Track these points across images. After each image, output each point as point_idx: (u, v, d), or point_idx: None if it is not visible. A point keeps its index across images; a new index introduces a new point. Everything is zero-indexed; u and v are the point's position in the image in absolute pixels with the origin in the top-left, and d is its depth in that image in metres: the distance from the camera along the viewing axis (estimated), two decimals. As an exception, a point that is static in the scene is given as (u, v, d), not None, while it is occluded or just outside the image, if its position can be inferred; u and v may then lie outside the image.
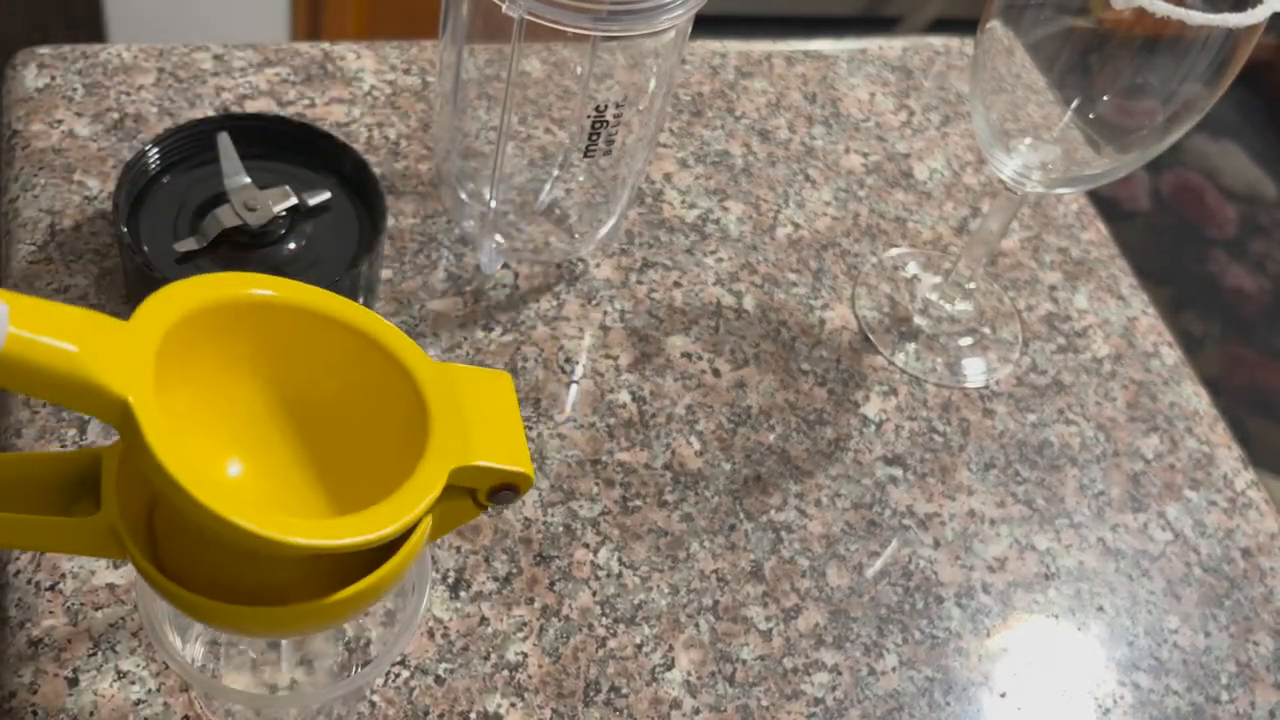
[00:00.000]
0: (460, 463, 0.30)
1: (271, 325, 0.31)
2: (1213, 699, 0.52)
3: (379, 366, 0.32)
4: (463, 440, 0.31)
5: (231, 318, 0.31)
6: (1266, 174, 2.15)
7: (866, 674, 0.49)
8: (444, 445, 0.30)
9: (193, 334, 0.30)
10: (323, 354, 0.32)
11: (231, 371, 0.32)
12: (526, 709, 0.46)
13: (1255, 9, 0.45)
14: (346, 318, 0.32)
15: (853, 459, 0.56)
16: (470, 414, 0.31)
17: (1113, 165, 0.52)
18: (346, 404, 0.32)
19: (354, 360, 0.32)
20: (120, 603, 0.45)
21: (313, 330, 0.32)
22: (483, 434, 0.31)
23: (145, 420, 0.27)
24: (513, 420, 0.32)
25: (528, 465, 0.31)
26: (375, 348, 0.32)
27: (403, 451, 0.31)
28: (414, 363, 0.31)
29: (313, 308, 0.32)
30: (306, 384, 0.32)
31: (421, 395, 0.31)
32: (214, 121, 0.54)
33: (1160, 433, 0.61)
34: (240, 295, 0.31)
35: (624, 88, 0.53)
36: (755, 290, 0.61)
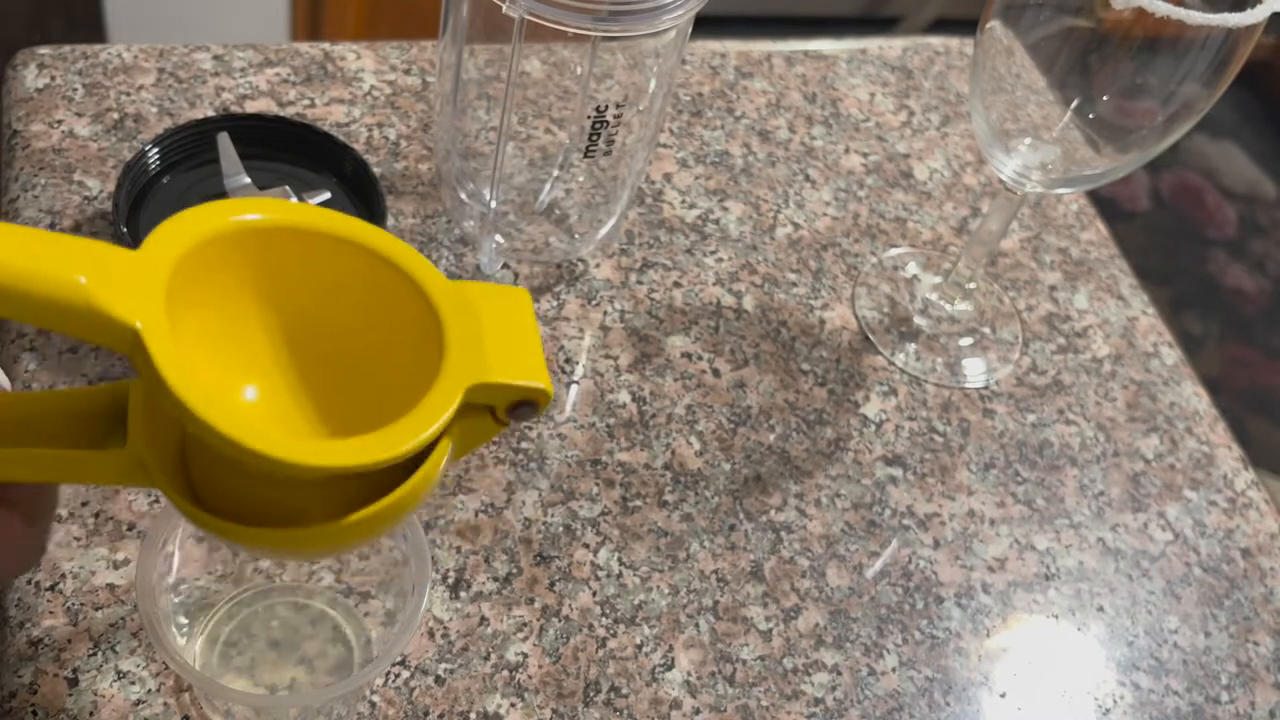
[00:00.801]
0: (477, 379, 0.30)
1: (285, 249, 0.31)
2: (1213, 699, 0.52)
3: (393, 285, 0.31)
4: (479, 357, 0.30)
5: (243, 243, 0.31)
6: (1266, 174, 2.15)
7: (866, 674, 0.49)
8: (460, 362, 0.30)
9: (205, 260, 0.30)
10: (337, 275, 0.32)
11: (245, 296, 0.31)
12: (526, 709, 0.46)
13: (1255, 9, 0.45)
14: (361, 238, 0.32)
15: (853, 459, 0.56)
16: (486, 330, 0.31)
17: (1113, 165, 0.52)
18: (362, 324, 0.32)
19: (369, 280, 0.32)
20: (120, 603, 0.45)
21: (326, 252, 0.32)
22: (499, 350, 0.31)
23: (156, 347, 0.27)
24: (530, 336, 0.32)
25: (546, 380, 0.31)
26: (389, 267, 0.31)
27: (419, 369, 0.30)
28: (428, 280, 0.31)
29: (326, 229, 0.31)
30: (321, 306, 0.32)
31: (436, 313, 0.31)
32: (214, 121, 0.54)
33: (1160, 433, 0.61)
34: (251, 220, 0.31)
35: (624, 88, 0.53)
36: (755, 290, 0.61)
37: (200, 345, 0.30)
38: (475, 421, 0.31)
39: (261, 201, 0.31)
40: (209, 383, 0.30)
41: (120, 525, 0.47)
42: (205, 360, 0.30)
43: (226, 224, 0.30)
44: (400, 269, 0.31)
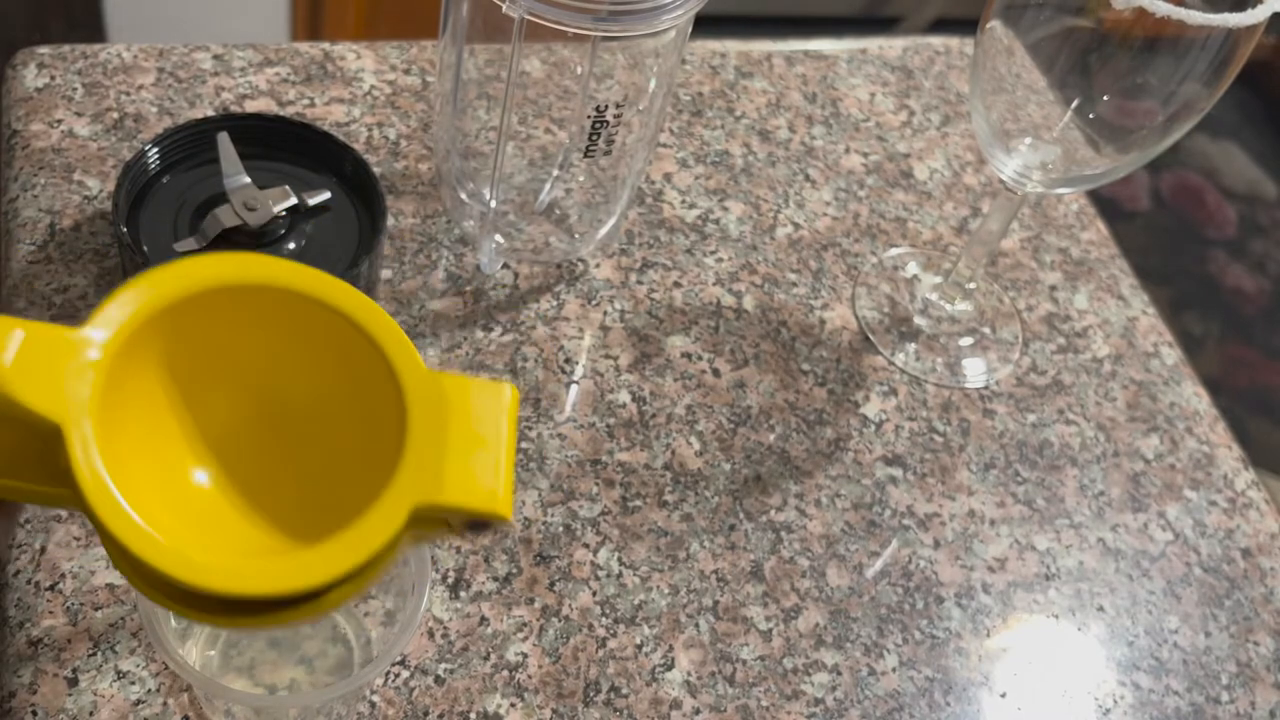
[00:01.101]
0: (426, 499, 0.28)
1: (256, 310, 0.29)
2: (1213, 699, 0.52)
3: (368, 365, 0.29)
4: (436, 470, 0.28)
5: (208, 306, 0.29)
6: (1266, 174, 2.15)
7: (866, 674, 0.49)
8: (413, 475, 0.28)
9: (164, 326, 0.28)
10: (311, 344, 0.30)
11: (208, 365, 0.30)
12: (526, 709, 0.46)
13: (1255, 9, 0.45)
14: (343, 307, 0.29)
15: (853, 459, 0.56)
16: (453, 436, 0.28)
17: (1113, 165, 0.52)
18: (328, 403, 0.30)
19: (343, 354, 0.29)
20: (120, 603, 0.45)
21: (302, 317, 0.29)
22: (461, 463, 0.28)
23: (75, 447, 0.26)
24: (498, 447, 0.29)
25: (504, 504, 0.28)
26: (368, 344, 0.29)
27: (377, 465, 0.28)
28: (406, 368, 0.29)
29: (303, 291, 0.29)
30: (288, 379, 0.30)
31: (405, 408, 0.28)
32: (214, 121, 0.54)
33: (1160, 433, 0.61)
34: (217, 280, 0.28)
35: (624, 88, 0.53)
36: (755, 290, 0.61)
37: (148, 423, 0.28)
38: (428, 526, 0.29)
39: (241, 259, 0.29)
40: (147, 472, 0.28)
41: (120, 525, 0.47)
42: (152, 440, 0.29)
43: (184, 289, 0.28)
44: (379, 347, 0.29)
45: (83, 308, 0.52)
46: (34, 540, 0.46)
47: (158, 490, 0.28)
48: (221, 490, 0.30)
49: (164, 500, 0.28)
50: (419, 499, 0.28)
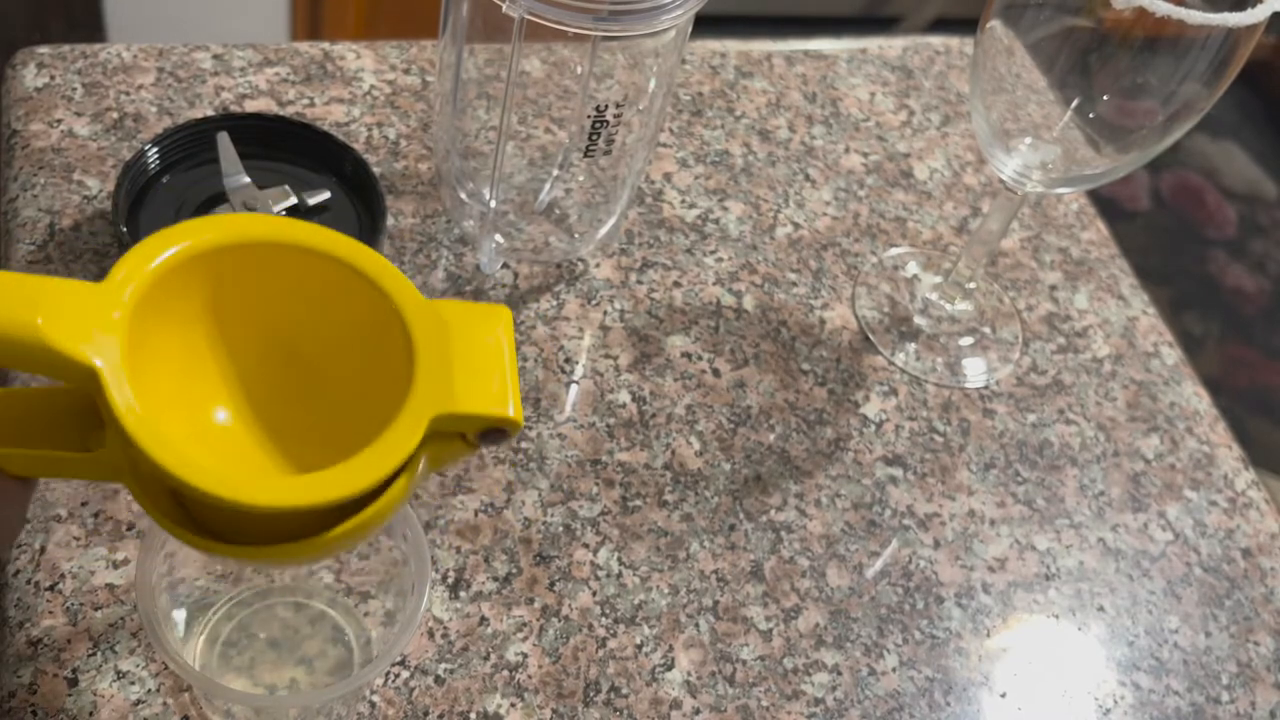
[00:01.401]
0: (441, 410, 0.30)
1: (259, 264, 0.31)
2: (1213, 699, 0.52)
3: (369, 302, 0.31)
4: (447, 384, 0.30)
5: (218, 262, 0.30)
6: (1266, 174, 2.15)
7: (866, 674, 0.49)
8: (427, 390, 0.30)
9: (174, 284, 0.30)
10: (312, 289, 0.32)
11: (219, 314, 0.31)
12: (526, 709, 0.46)
13: (1255, 9, 0.45)
14: (338, 252, 0.31)
15: (853, 459, 0.56)
16: (458, 354, 0.30)
17: (1113, 165, 0.52)
18: (336, 343, 0.32)
19: (344, 295, 0.31)
20: (120, 603, 0.45)
21: (301, 266, 0.31)
22: (469, 376, 0.30)
23: (113, 388, 0.27)
24: (502, 361, 0.31)
25: (514, 409, 0.30)
26: (366, 282, 0.31)
27: (389, 393, 0.30)
28: (404, 299, 0.31)
29: (301, 243, 0.31)
30: (297, 323, 0.32)
31: (409, 333, 0.30)
32: (214, 121, 0.54)
33: (1160, 433, 0.61)
34: (225, 239, 0.30)
35: (624, 88, 0.53)
36: (755, 290, 0.61)
37: (171, 368, 0.30)
38: (446, 444, 0.31)
39: (234, 218, 0.31)
40: (174, 413, 0.30)
41: (120, 525, 0.47)
42: (175, 384, 0.30)
43: (195, 246, 0.30)
44: (376, 285, 0.31)
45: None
46: (34, 540, 0.46)
47: (184, 428, 0.30)
48: (244, 428, 0.32)
49: (190, 437, 0.30)
50: (436, 410, 0.29)
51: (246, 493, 0.27)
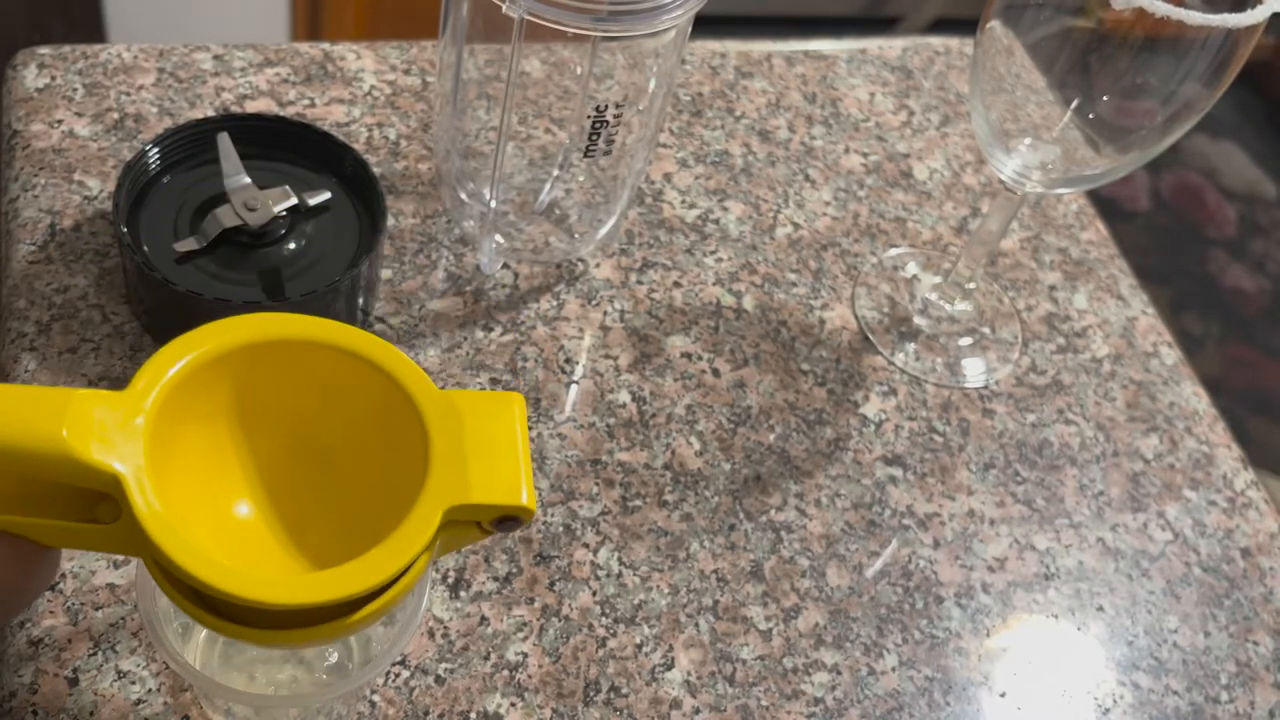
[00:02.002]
0: (456, 501, 0.31)
1: (279, 362, 0.32)
2: (1212, 699, 0.52)
3: (385, 396, 0.32)
4: (461, 475, 0.31)
5: (237, 361, 0.32)
6: (1266, 174, 2.15)
7: (866, 674, 0.49)
8: (441, 482, 0.31)
9: (198, 384, 0.31)
10: (331, 385, 0.33)
11: (242, 411, 0.33)
12: (526, 709, 0.46)
13: (1255, 9, 0.45)
14: (355, 348, 0.32)
15: (853, 459, 0.56)
16: (471, 445, 0.32)
17: (1113, 165, 0.52)
18: (353, 435, 0.33)
19: (361, 390, 0.33)
20: (120, 603, 0.45)
21: (320, 362, 0.33)
22: (482, 466, 0.31)
23: (135, 494, 0.29)
24: (515, 449, 0.32)
25: (528, 498, 0.31)
26: (380, 375, 0.32)
27: (406, 483, 0.31)
28: (417, 391, 0.32)
29: (318, 339, 0.32)
30: (315, 417, 0.33)
31: (425, 426, 0.31)
32: (214, 121, 0.54)
33: (1160, 433, 0.61)
34: (243, 340, 0.32)
35: (624, 88, 0.53)
36: (755, 290, 0.61)
37: (194, 466, 0.32)
38: (461, 531, 0.32)
39: (251, 319, 0.32)
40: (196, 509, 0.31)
41: (120, 525, 0.47)
42: (198, 481, 0.32)
43: (214, 349, 0.31)
44: (391, 378, 0.32)
45: (83, 308, 0.52)
46: (34, 540, 0.46)
47: (206, 526, 0.31)
48: (265, 521, 0.33)
49: (212, 534, 0.31)
50: (450, 502, 0.31)
51: (264, 592, 0.29)
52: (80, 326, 0.52)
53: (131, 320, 0.52)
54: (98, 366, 0.50)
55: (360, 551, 0.30)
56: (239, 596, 0.28)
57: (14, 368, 0.50)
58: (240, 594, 0.28)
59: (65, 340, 0.51)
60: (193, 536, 0.29)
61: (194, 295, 0.49)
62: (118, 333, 0.52)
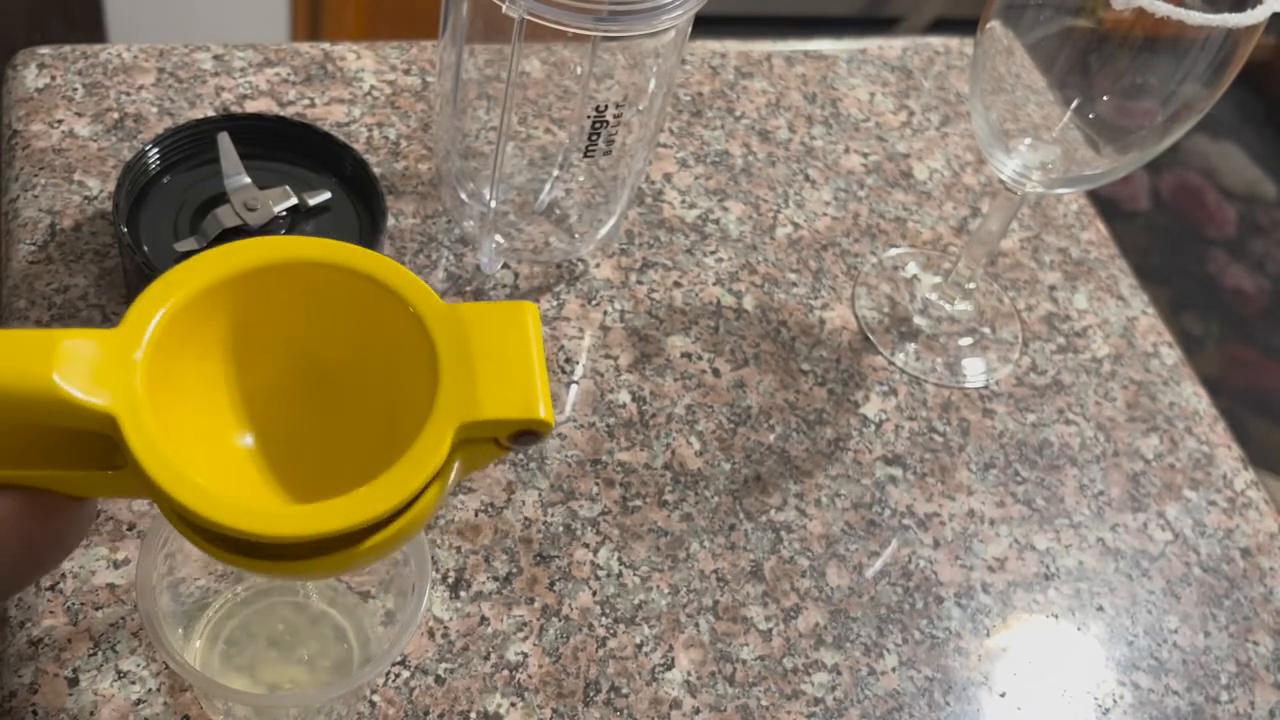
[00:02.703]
0: (466, 418, 0.29)
1: (278, 286, 0.31)
2: (1212, 699, 0.52)
3: (389, 312, 0.31)
4: (471, 391, 0.29)
5: (234, 289, 0.30)
6: (1266, 174, 2.15)
7: (866, 674, 0.49)
8: (450, 400, 0.29)
9: (196, 315, 0.30)
10: (333, 306, 0.31)
11: (243, 340, 0.31)
12: (526, 709, 0.46)
13: (1255, 9, 0.45)
14: (355, 264, 0.31)
15: (853, 459, 0.56)
16: (482, 358, 0.30)
17: (1113, 165, 0.52)
18: (359, 356, 0.32)
19: (364, 309, 0.31)
20: (120, 603, 0.45)
21: (321, 283, 0.31)
22: (494, 380, 0.30)
23: (131, 431, 0.28)
24: (529, 359, 0.30)
25: (544, 409, 0.30)
26: (385, 293, 0.31)
27: (415, 403, 0.30)
28: (424, 306, 0.30)
29: (318, 259, 0.31)
30: (319, 340, 0.32)
31: (431, 342, 0.30)
32: (214, 121, 0.54)
33: (1160, 433, 0.61)
34: (238, 267, 0.30)
35: (624, 88, 0.53)
36: (755, 290, 0.61)
37: (195, 399, 0.30)
38: (478, 449, 0.31)
39: (245, 244, 0.31)
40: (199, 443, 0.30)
41: (120, 525, 0.47)
42: (200, 414, 0.30)
43: (209, 278, 0.30)
44: (395, 293, 0.31)
45: (83, 308, 0.52)
46: (34, 540, 0.46)
47: (212, 462, 0.30)
48: (272, 450, 0.31)
49: (220, 471, 0.30)
50: (462, 419, 0.29)
51: (269, 524, 0.28)
52: (80, 326, 0.52)
53: (131, 320, 0.52)
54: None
55: (371, 477, 0.28)
56: (241, 530, 0.27)
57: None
58: (242, 527, 0.27)
59: (65, 340, 0.51)
60: (194, 471, 0.28)
61: (194, 295, 0.49)
62: (118, 333, 0.52)
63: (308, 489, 0.31)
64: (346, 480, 0.29)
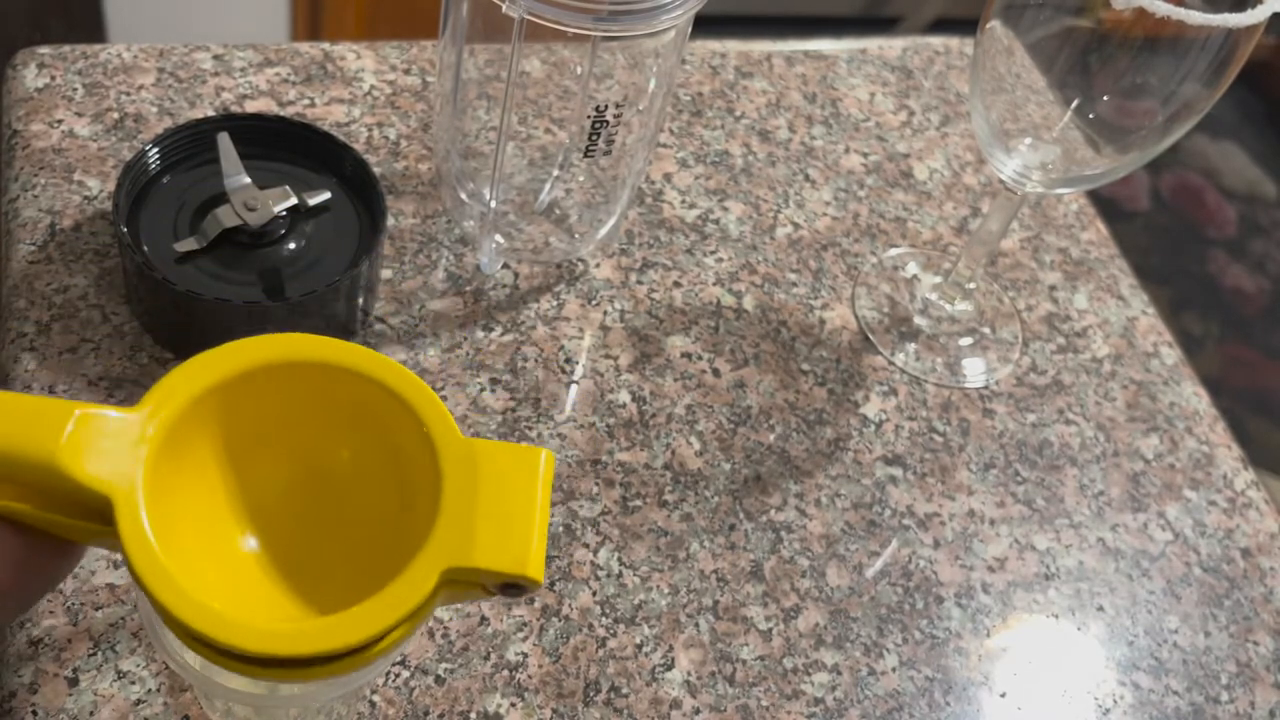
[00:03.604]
0: (456, 563, 0.29)
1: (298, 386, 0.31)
2: (1213, 699, 0.52)
3: (405, 434, 0.31)
4: (468, 534, 0.29)
5: (253, 384, 0.31)
6: (1266, 174, 2.15)
7: (866, 674, 0.49)
8: (445, 539, 0.29)
9: (212, 407, 0.30)
10: (348, 414, 0.31)
11: (257, 438, 0.31)
12: (526, 709, 0.46)
13: (1255, 9, 0.45)
14: (379, 376, 0.31)
15: (853, 459, 0.56)
16: (485, 501, 0.30)
17: (1113, 165, 0.52)
18: (367, 470, 0.32)
19: (379, 422, 0.31)
20: (120, 603, 0.45)
21: (340, 389, 0.31)
22: (493, 527, 0.29)
23: (124, 519, 0.28)
24: (530, 511, 0.30)
25: (534, 568, 0.29)
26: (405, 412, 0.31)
27: (413, 530, 0.30)
28: (440, 435, 0.30)
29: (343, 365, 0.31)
30: (332, 444, 0.32)
31: (439, 474, 0.30)
32: (214, 121, 0.54)
33: (1160, 433, 0.61)
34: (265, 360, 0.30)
35: (624, 88, 0.53)
36: (755, 290, 0.61)
37: (200, 494, 0.30)
38: (462, 589, 0.30)
39: (272, 340, 0.31)
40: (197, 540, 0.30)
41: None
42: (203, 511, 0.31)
43: (230, 371, 0.30)
44: (415, 415, 0.30)
45: (83, 308, 0.52)
46: (34, 540, 0.46)
47: (205, 556, 0.30)
48: (268, 556, 0.32)
49: (211, 565, 0.30)
50: (450, 562, 0.29)
51: (233, 636, 0.27)
52: (80, 326, 0.51)
53: (131, 320, 0.52)
54: (97, 366, 0.50)
55: (356, 599, 0.28)
56: (205, 635, 0.27)
57: (14, 368, 0.50)
58: (207, 633, 0.27)
59: (65, 340, 0.51)
60: (181, 565, 0.28)
61: (194, 295, 0.49)
62: (118, 333, 0.52)
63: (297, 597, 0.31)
64: (337, 594, 0.29)
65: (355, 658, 0.29)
